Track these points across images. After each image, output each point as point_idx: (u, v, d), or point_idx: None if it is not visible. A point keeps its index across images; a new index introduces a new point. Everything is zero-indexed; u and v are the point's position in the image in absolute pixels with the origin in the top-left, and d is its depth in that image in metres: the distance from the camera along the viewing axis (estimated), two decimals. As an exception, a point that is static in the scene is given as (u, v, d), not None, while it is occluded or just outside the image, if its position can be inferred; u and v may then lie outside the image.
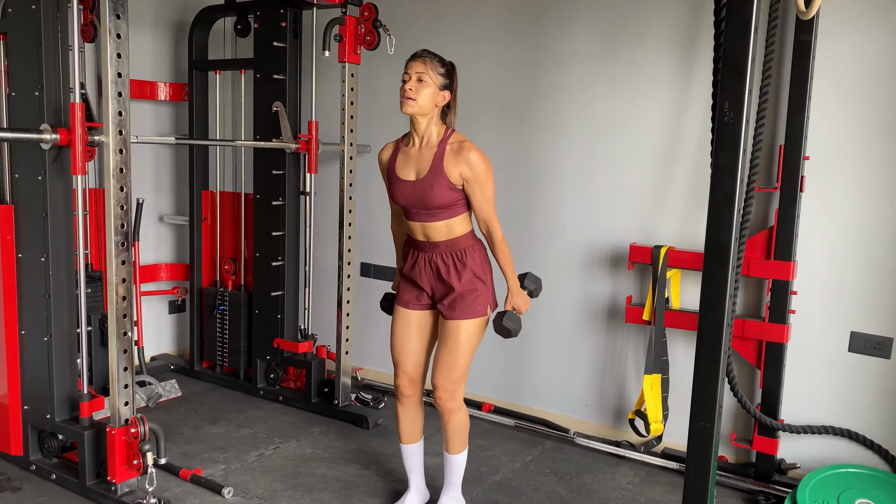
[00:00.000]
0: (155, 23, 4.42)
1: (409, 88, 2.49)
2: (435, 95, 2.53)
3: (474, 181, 2.52)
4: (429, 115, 2.54)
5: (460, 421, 2.69)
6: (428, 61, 2.52)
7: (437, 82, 2.52)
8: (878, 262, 2.96)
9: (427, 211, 2.56)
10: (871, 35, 2.90)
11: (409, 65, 2.54)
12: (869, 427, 3.02)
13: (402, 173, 2.61)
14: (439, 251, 2.61)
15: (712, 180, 1.91)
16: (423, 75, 2.50)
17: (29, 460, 3.06)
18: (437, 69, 2.53)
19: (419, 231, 2.62)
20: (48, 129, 2.67)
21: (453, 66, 2.61)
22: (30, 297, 2.95)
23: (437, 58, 2.56)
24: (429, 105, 2.52)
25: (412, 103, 2.49)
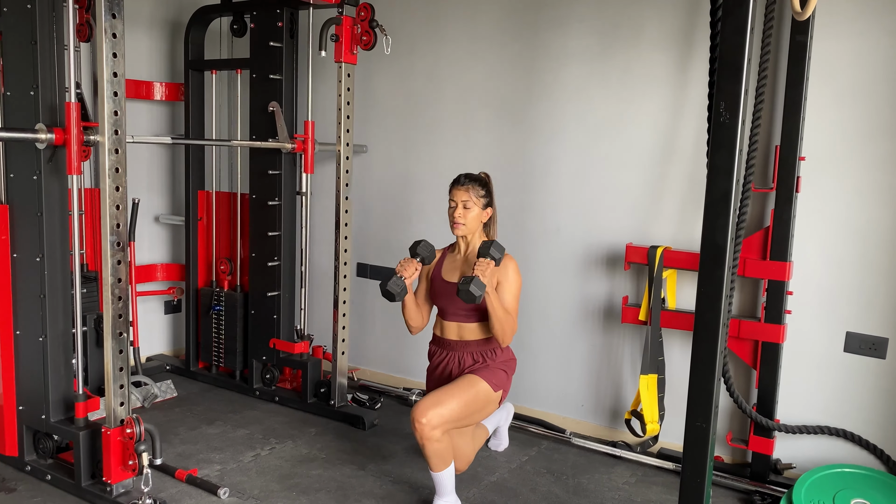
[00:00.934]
0: (151, 22, 4.42)
1: (458, 216, 2.86)
2: (480, 216, 2.90)
3: (505, 282, 2.85)
4: (475, 232, 2.92)
5: (438, 448, 2.70)
6: (470, 188, 2.86)
7: (480, 204, 2.88)
8: (873, 262, 2.97)
9: (465, 312, 2.88)
10: (867, 36, 2.91)
11: (452, 192, 2.89)
12: (864, 427, 3.03)
13: (447, 276, 2.95)
14: (470, 350, 2.92)
15: (708, 180, 1.91)
16: (468, 202, 2.86)
17: (24, 461, 3.05)
18: (478, 193, 2.87)
19: (454, 331, 2.93)
20: (43, 128, 2.66)
21: (489, 180, 2.95)
22: (25, 297, 2.95)
23: (478, 181, 2.89)
24: (476, 226, 2.91)
25: (462, 227, 2.87)
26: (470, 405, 2.78)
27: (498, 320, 2.76)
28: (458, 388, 2.78)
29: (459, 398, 2.74)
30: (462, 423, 2.81)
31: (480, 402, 2.82)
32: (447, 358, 2.95)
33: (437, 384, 2.97)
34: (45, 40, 2.79)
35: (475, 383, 2.82)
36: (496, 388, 2.86)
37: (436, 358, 3.00)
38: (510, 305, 2.83)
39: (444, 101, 3.97)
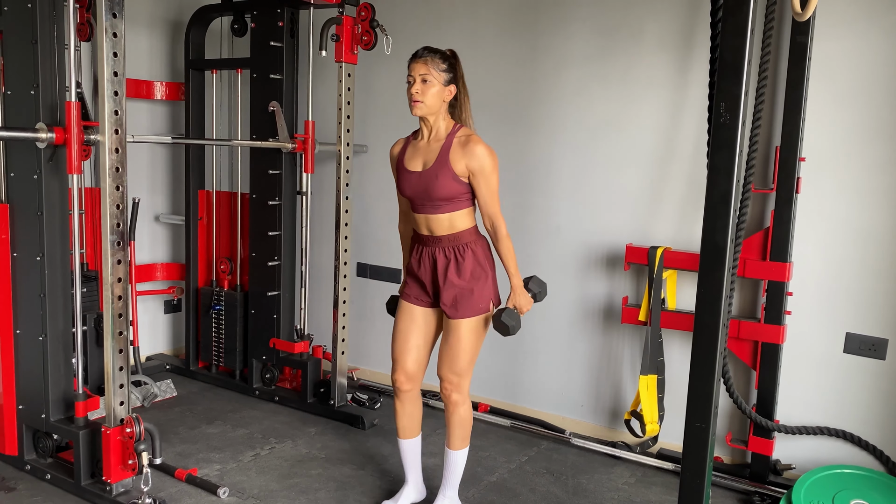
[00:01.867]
0: (151, 22, 4.42)
1: (415, 92, 2.56)
2: (441, 93, 2.58)
3: (480, 174, 2.55)
4: (437, 112, 2.60)
5: (464, 414, 2.71)
6: (429, 60, 2.56)
7: (441, 79, 2.57)
8: (873, 263, 2.97)
9: (431, 203, 2.59)
10: (867, 37, 2.91)
11: (411, 66, 2.59)
12: (864, 428, 3.03)
13: (409, 165, 2.66)
14: (441, 245, 2.64)
15: (708, 181, 1.91)
16: (427, 76, 2.55)
17: (24, 460, 3.05)
18: (438, 66, 2.57)
19: (423, 224, 2.65)
20: (44, 127, 2.66)
21: (455, 57, 2.63)
22: (25, 296, 2.95)
23: (438, 54, 2.59)
24: (436, 104, 2.58)
25: (420, 105, 2.57)
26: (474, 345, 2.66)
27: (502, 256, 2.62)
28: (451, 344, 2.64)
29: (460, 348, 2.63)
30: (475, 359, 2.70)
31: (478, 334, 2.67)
32: (422, 254, 2.69)
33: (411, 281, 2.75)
34: (45, 40, 2.79)
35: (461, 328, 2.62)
36: (483, 311, 2.64)
37: (414, 253, 2.74)
38: (492, 208, 2.58)
39: (444, 101, 3.97)
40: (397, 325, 2.77)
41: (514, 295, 2.66)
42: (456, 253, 2.63)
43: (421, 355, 2.74)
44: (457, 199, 2.58)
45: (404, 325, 2.75)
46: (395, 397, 2.78)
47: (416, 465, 2.87)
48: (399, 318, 2.78)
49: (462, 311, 2.61)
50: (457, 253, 2.63)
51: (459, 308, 2.61)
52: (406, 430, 2.80)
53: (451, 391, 2.67)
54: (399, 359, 2.74)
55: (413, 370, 2.73)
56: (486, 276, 2.65)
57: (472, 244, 2.64)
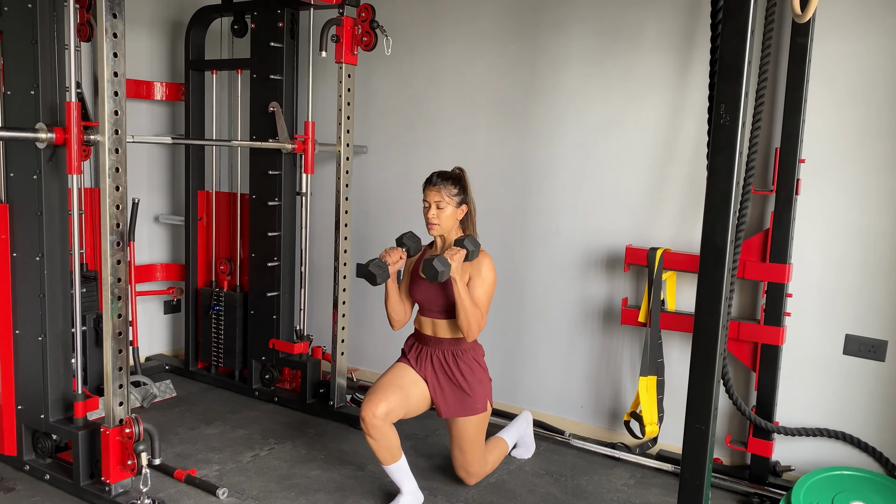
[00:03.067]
0: (152, 22, 4.42)
1: (431, 216, 2.83)
2: (454, 214, 2.86)
3: (477, 278, 2.83)
4: (451, 229, 2.89)
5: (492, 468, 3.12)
6: (442, 188, 2.81)
7: (454, 202, 2.84)
8: (872, 264, 2.97)
9: (439, 309, 2.87)
10: (867, 39, 2.91)
11: (425, 192, 2.85)
12: (863, 429, 3.03)
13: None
14: (443, 347, 2.90)
15: (708, 182, 1.91)
16: (441, 202, 2.81)
17: (23, 460, 3.05)
18: (450, 192, 2.82)
19: (429, 326, 2.93)
20: (44, 128, 2.66)
21: (462, 176, 2.89)
22: (24, 296, 2.95)
23: (450, 180, 2.83)
24: (451, 224, 2.86)
25: (437, 227, 2.85)
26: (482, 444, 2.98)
27: (464, 310, 2.74)
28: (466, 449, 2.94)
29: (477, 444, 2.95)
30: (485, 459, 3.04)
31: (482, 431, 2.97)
32: (421, 350, 2.95)
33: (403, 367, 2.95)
34: (45, 40, 2.79)
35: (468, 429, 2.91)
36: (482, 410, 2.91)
37: (414, 350, 2.98)
38: (480, 301, 2.81)
39: (444, 102, 3.97)
40: (387, 373, 2.94)
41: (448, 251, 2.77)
42: (455, 356, 2.90)
43: (396, 408, 2.80)
44: None
45: (394, 377, 2.91)
46: (367, 434, 2.77)
47: (408, 478, 2.88)
48: (392, 369, 2.96)
49: (467, 410, 2.87)
50: (456, 356, 2.90)
51: (465, 407, 2.87)
52: (388, 458, 2.82)
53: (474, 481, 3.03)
54: (374, 399, 2.77)
55: (382, 414, 2.75)
56: (482, 380, 2.93)
57: (472, 349, 2.93)
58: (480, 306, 2.80)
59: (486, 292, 2.84)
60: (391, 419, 2.76)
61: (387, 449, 2.78)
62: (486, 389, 2.93)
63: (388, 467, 2.82)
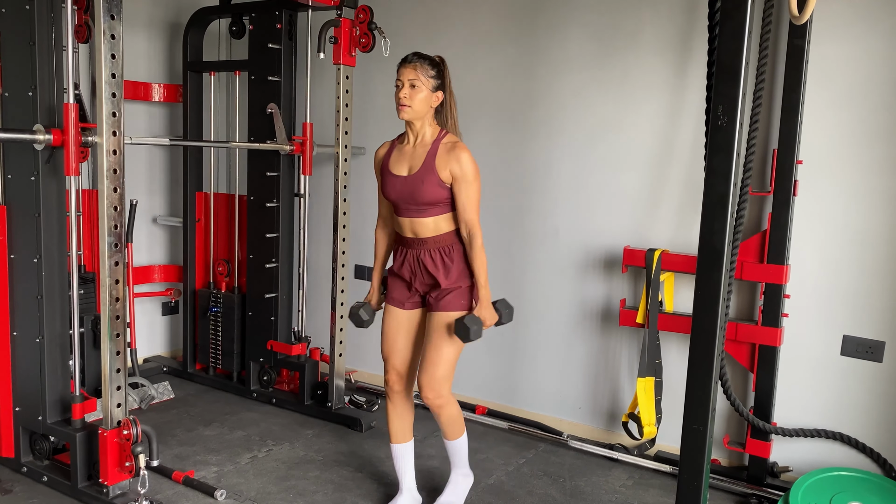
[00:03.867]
0: (149, 24, 4.42)
1: (403, 96, 2.59)
2: (428, 98, 2.62)
3: (462, 180, 2.59)
4: (423, 117, 2.64)
5: (452, 412, 2.75)
6: (418, 66, 2.60)
7: (429, 85, 2.61)
8: (870, 265, 2.98)
9: (416, 206, 2.64)
10: (864, 40, 2.92)
11: (399, 71, 2.62)
12: (861, 430, 3.04)
13: (395, 169, 2.69)
14: (426, 247, 2.68)
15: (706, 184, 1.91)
16: (415, 81, 2.59)
17: (20, 462, 3.04)
18: (427, 73, 2.61)
19: (408, 227, 2.69)
20: (41, 129, 2.66)
21: (443, 63, 2.68)
22: (22, 298, 2.94)
23: (427, 60, 2.63)
24: (423, 109, 2.62)
25: (408, 110, 2.59)
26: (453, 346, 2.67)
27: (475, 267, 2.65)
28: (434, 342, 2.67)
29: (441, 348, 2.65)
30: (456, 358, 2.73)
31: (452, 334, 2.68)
32: (406, 256, 2.73)
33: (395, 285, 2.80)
34: (43, 41, 2.79)
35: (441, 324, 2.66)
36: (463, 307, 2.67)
37: (398, 255, 2.78)
38: (470, 216, 2.60)
39: (442, 103, 3.97)
40: (384, 328, 2.82)
41: (480, 307, 2.65)
42: (442, 254, 2.67)
43: (409, 355, 2.79)
44: (442, 203, 2.63)
45: (391, 328, 2.80)
46: (388, 399, 2.81)
47: (410, 470, 2.87)
48: (385, 321, 2.82)
49: (445, 305, 2.65)
50: (443, 254, 2.67)
51: (443, 302, 2.65)
52: (398, 434, 2.82)
53: (434, 398, 2.67)
54: (389, 358, 2.79)
55: (403, 369, 2.77)
56: (467, 280, 2.70)
57: (456, 245, 2.69)
58: (472, 212, 2.61)
59: (475, 197, 2.62)
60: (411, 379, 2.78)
61: (400, 419, 2.80)
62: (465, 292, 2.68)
63: (396, 447, 2.82)
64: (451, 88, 2.71)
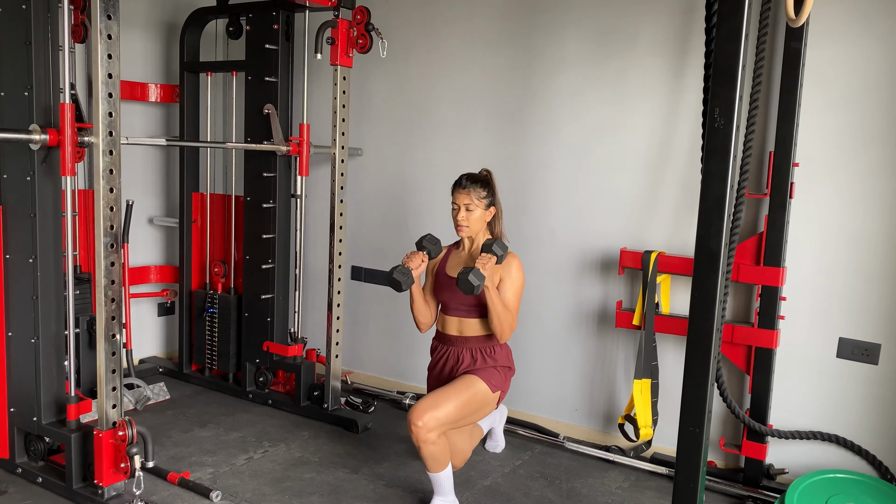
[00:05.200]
0: (146, 24, 4.41)
1: (461, 219, 2.87)
2: (483, 216, 2.91)
3: (507, 280, 2.86)
4: (480, 231, 2.93)
5: (434, 450, 2.72)
6: (471, 191, 2.85)
7: (483, 205, 2.88)
8: (866, 268, 2.98)
9: (466, 308, 2.89)
10: (861, 43, 2.92)
11: (454, 195, 2.89)
12: (857, 432, 3.04)
13: (450, 271, 2.96)
14: (469, 346, 2.92)
15: (703, 186, 1.92)
16: (470, 205, 2.86)
17: (15, 463, 3.03)
18: (479, 195, 2.86)
19: (455, 326, 2.94)
20: (37, 129, 2.66)
21: (490, 178, 2.93)
22: (17, 298, 2.93)
23: (479, 183, 2.87)
24: (479, 226, 2.92)
25: (466, 229, 2.89)
26: (467, 406, 2.79)
27: (497, 315, 2.77)
28: (456, 389, 2.79)
29: (456, 399, 2.75)
30: (459, 425, 2.83)
31: (478, 402, 2.83)
32: (447, 353, 2.96)
33: (436, 381, 2.99)
34: (39, 41, 2.78)
35: (473, 384, 2.82)
36: (494, 388, 2.87)
37: (437, 353, 3.03)
38: (511, 302, 2.84)
39: (439, 104, 3.98)
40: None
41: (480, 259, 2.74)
42: (482, 353, 2.91)
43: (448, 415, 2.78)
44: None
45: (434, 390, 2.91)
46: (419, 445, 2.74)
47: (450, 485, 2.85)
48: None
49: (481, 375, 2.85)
50: (482, 353, 2.91)
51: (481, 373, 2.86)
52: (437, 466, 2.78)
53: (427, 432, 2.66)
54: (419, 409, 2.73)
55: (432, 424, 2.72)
56: (506, 373, 2.94)
57: (498, 346, 2.93)
58: (511, 308, 2.84)
59: (517, 294, 2.87)
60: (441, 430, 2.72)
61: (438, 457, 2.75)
62: (505, 382, 2.94)
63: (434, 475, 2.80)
64: (498, 196, 2.96)
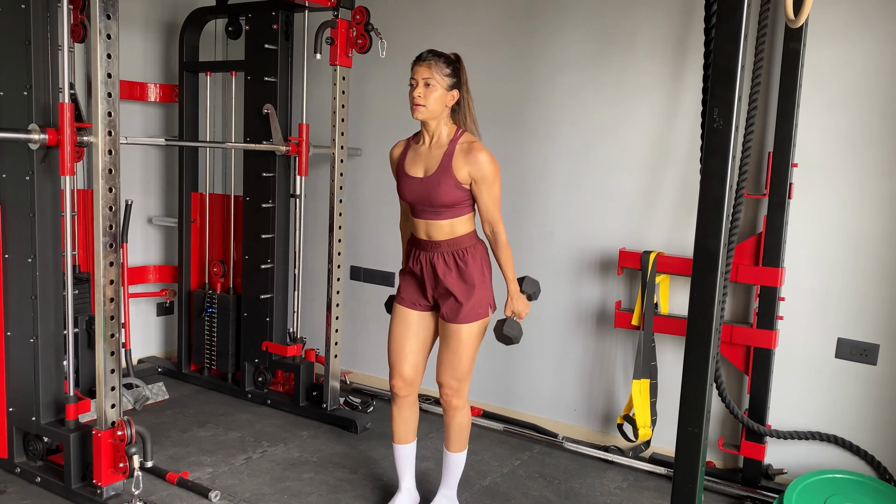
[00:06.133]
0: (146, 23, 4.41)
1: (417, 95, 2.51)
2: (444, 97, 2.54)
3: (482, 182, 2.54)
4: (439, 117, 2.56)
5: (463, 419, 2.73)
6: (433, 64, 2.51)
7: (445, 84, 2.53)
8: (864, 268, 2.98)
9: (432, 209, 2.58)
10: (860, 44, 2.93)
11: (414, 69, 2.54)
12: (855, 433, 3.04)
13: (410, 170, 2.62)
14: (440, 250, 2.62)
15: (702, 186, 1.92)
16: (430, 79, 2.50)
17: (14, 463, 3.03)
18: (442, 71, 2.52)
19: (423, 229, 2.64)
20: (37, 128, 2.65)
21: (458, 61, 2.60)
22: (16, 298, 2.93)
23: (442, 58, 2.54)
24: (438, 108, 2.54)
25: (422, 109, 2.52)
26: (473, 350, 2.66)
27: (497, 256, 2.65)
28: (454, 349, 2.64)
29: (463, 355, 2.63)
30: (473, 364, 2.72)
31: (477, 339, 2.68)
32: (420, 258, 2.67)
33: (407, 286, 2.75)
34: (38, 41, 2.78)
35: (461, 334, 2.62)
36: (482, 316, 2.65)
37: (412, 257, 2.73)
38: (493, 206, 2.58)
39: (438, 104, 3.97)
40: (392, 331, 2.76)
41: (511, 301, 2.67)
42: (456, 258, 2.62)
43: (418, 360, 2.74)
44: (458, 205, 2.57)
45: (399, 331, 2.74)
46: (393, 402, 2.78)
47: (410, 470, 2.87)
48: (394, 323, 2.76)
49: (462, 317, 2.60)
50: (456, 258, 2.62)
51: (460, 313, 2.60)
52: (402, 436, 2.80)
53: (452, 396, 2.67)
54: (396, 364, 2.73)
55: (410, 375, 2.72)
56: (483, 283, 2.64)
57: (472, 248, 2.63)
58: (495, 211, 2.58)
59: (496, 199, 2.59)
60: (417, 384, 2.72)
61: (404, 422, 2.76)
62: (486, 294, 2.66)
63: (399, 448, 2.80)
64: (467, 86, 2.62)
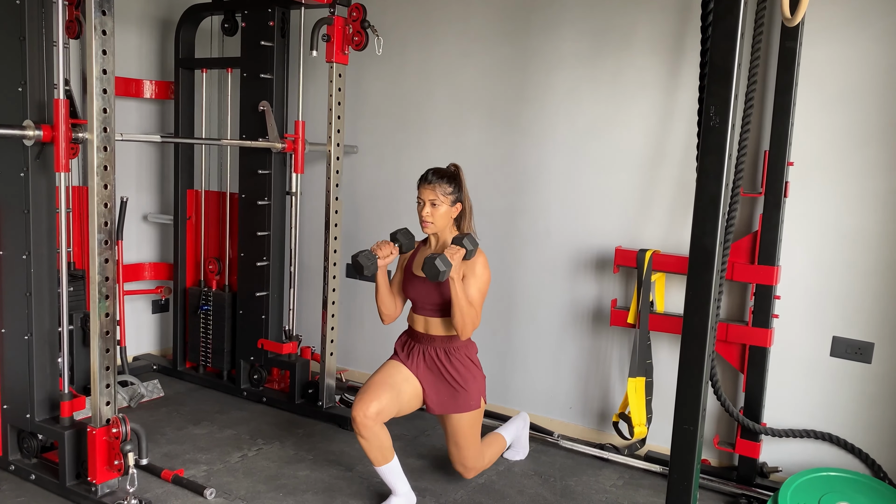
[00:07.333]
0: (141, 20, 4.40)
1: (426, 214, 2.79)
2: (449, 212, 2.82)
3: (472, 277, 2.81)
4: (445, 228, 2.85)
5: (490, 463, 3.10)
6: (437, 186, 2.77)
7: (449, 201, 2.80)
8: (860, 267, 2.99)
9: (433, 306, 2.85)
10: (856, 43, 2.93)
11: (420, 190, 2.81)
12: (850, 431, 3.05)
13: (416, 270, 2.89)
14: (435, 345, 2.88)
15: (698, 184, 1.92)
16: (435, 200, 2.78)
17: (8, 460, 3.02)
18: (445, 190, 2.78)
19: (421, 324, 2.91)
20: (31, 125, 2.65)
21: (458, 174, 2.85)
22: (11, 295, 2.92)
23: (444, 178, 2.79)
24: (445, 222, 2.83)
25: (431, 226, 2.81)
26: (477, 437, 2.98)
27: (459, 309, 2.72)
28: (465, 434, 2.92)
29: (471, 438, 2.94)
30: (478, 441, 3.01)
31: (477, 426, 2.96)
32: (414, 349, 2.92)
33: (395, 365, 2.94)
34: (33, 37, 2.77)
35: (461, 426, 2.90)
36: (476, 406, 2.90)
37: (406, 347, 2.96)
38: (474, 299, 2.78)
39: (435, 102, 3.97)
40: (379, 371, 2.91)
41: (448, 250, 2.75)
42: (448, 353, 2.88)
43: (387, 408, 2.78)
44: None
45: (385, 374, 2.89)
46: (358, 434, 2.76)
47: (401, 479, 2.87)
48: (384, 367, 2.94)
49: (461, 406, 2.86)
50: (448, 353, 2.88)
51: (458, 404, 2.86)
52: (379, 458, 2.80)
53: (471, 475, 3.03)
54: (367, 396, 2.76)
55: (373, 414, 2.73)
56: (475, 376, 2.91)
57: (464, 346, 2.91)
58: (475, 305, 2.79)
59: (481, 290, 2.82)
60: (382, 418, 2.75)
61: (378, 449, 2.76)
62: (479, 386, 2.91)
63: (381, 468, 2.81)
64: (467, 193, 2.88)
